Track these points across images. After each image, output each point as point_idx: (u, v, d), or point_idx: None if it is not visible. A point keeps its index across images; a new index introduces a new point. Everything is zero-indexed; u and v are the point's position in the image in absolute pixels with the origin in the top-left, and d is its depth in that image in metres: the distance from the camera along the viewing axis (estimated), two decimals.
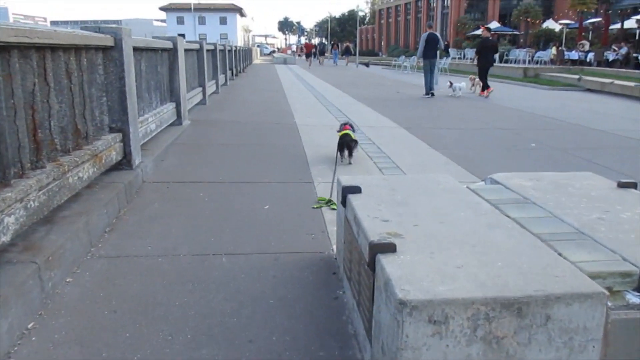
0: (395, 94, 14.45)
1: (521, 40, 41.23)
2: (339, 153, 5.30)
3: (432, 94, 13.30)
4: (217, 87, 11.93)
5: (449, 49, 35.73)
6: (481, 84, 13.98)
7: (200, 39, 52.76)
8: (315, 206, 4.07)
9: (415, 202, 2.54)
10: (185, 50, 7.83)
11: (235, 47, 19.32)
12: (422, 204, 2.52)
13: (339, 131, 5.59)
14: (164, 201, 4.00)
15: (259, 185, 4.50)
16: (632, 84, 14.81)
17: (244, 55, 25.41)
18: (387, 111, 9.69)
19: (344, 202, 2.70)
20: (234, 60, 18.16)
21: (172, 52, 6.62)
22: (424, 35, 13.73)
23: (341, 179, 2.93)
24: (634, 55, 22.73)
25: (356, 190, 2.68)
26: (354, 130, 5.55)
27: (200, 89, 9.35)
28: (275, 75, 22.79)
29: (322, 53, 42.23)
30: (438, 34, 14.33)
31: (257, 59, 49.23)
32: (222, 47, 13.74)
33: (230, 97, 11.85)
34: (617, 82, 15.66)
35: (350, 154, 5.34)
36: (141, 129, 4.88)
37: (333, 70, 30.62)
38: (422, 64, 13.62)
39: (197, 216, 3.68)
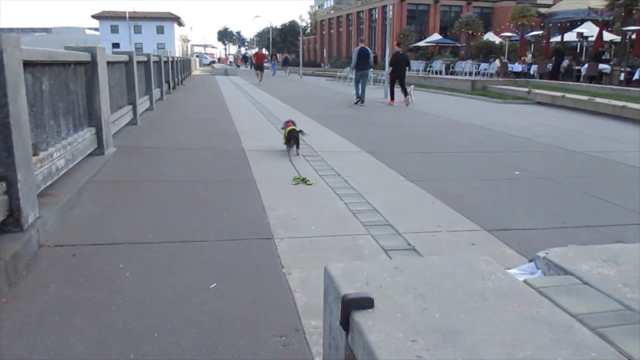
0: (347, 109, 13.55)
1: (462, 52, 41.67)
2: (287, 147, 6.32)
3: (362, 103, 14.52)
4: (151, 103, 10.63)
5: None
6: (413, 93, 15.30)
7: (136, 48, 50.44)
8: (293, 183, 4.98)
9: (469, 328, 1.52)
10: (111, 62, 6.60)
11: (173, 57, 17.93)
12: (481, 330, 1.50)
13: (283, 128, 6.56)
14: (65, 281, 2.81)
15: (202, 246, 3.37)
16: (584, 97, 14.57)
17: (182, 66, 23.95)
18: (344, 131, 8.72)
19: (345, 323, 1.65)
20: (171, 72, 16.78)
21: (91, 65, 5.39)
22: (356, 49, 14.88)
23: (334, 274, 1.88)
24: (577, 67, 22.95)
25: (366, 304, 1.63)
26: (295, 126, 6.38)
27: (130, 107, 8.07)
28: (216, 87, 21.50)
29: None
30: (369, 48, 15.95)
31: (197, 70, 47.47)
32: (156, 59, 12.42)
33: (166, 114, 10.56)
34: (568, 95, 15.42)
35: (297, 146, 6.34)
36: (40, 171, 3.66)
37: (275, 81, 29.58)
38: (356, 75, 15.03)
39: (110, 309, 2.53)
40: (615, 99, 14.12)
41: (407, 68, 16.25)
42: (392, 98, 15.08)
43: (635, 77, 20.12)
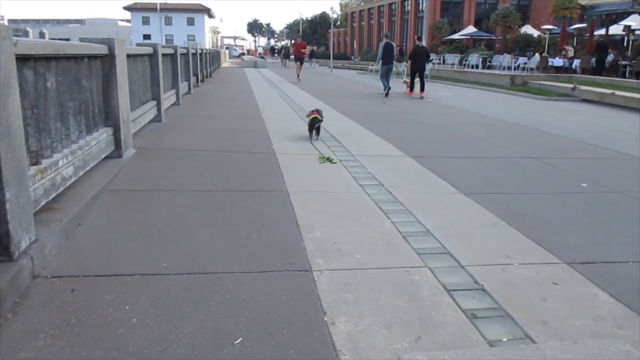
0: (382, 105, 12.87)
1: (497, 45, 40.33)
2: (309, 132, 6.98)
3: (387, 94, 15.14)
4: (177, 97, 10.14)
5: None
6: (408, 83, 16.18)
7: (166, 40, 50.11)
8: (320, 162, 5.61)
9: None
10: (132, 55, 6.09)
11: (201, 49, 17.47)
12: None
13: (307, 116, 7.12)
14: (57, 329, 2.27)
15: (225, 280, 2.80)
16: (638, 95, 13.57)
17: (212, 58, 23.53)
18: (382, 130, 8.07)
19: None
20: (200, 64, 16.32)
21: (108, 59, 4.86)
22: (381, 44, 15.73)
23: None
24: (623, 62, 21.74)
25: None
26: (321, 116, 6.98)
27: (154, 102, 7.57)
28: (245, 80, 21.01)
29: (287, 56, 42.56)
30: (394, 43, 17.64)
31: (226, 62, 47.21)
32: (184, 51, 11.93)
33: (193, 110, 10.06)
34: (619, 93, 14.43)
35: (317, 133, 7.00)
36: (41, 183, 3.14)
37: (304, 74, 29.01)
38: (382, 68, 15.86)
39: None
40: None
41: (428, 61, 17.00)
42: (412, 89, 15.89)
43: None
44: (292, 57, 23.55)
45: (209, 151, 6.11)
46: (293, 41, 21.46)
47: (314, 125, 6.90)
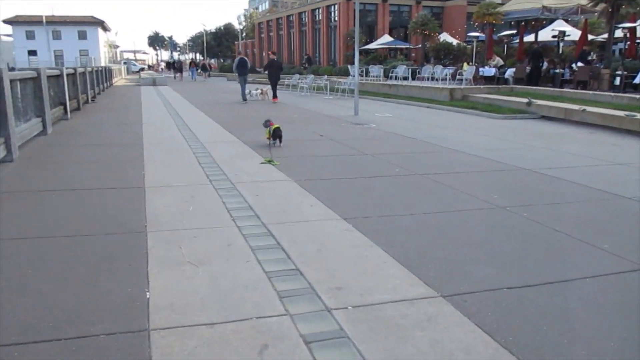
0: (318, 138, 9.69)
1: (412, 54, 38.69)
2: (270, 141, 8.18)
3: (244, 101, 18.30)
4: (8, 150, 6.41)
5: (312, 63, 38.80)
6: (271, 92, 18.76)
7: (55, 56, 44.67)
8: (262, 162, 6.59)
9: None
10: None
11: (74, 69, 13.43)
12: None
13: (266, 127, 8.30)
14: None
15: None
16: (620, 113, 11.37)
17: (97, 77, 19.34)
18: (342, 203, 4.89)
19: None
20: (71, 89, 12.37)
21: None
22: (236, 60, 19.73)
23: None
24: (560, 71, 20.10)
25: None
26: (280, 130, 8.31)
27: None
28: (137, 104, 17.07)
29: (180, 70, 44.45)
30: (246, 58, 21.73)
31: (122, 79, 42.20)
32: (30, 74, 8.13)
33: (32, 174, 6.37)
34: (590, 109, 12.22)
35: (280, 141, 8.23)
36: None
37: (200, 89, 25.50)
38: (240, 80, 18.99)
39: None
40: None
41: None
42: (275, 96, 18.60)
43: (636, 81, 17.39)
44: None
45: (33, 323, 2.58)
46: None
47: (277, 135, 8.17)
